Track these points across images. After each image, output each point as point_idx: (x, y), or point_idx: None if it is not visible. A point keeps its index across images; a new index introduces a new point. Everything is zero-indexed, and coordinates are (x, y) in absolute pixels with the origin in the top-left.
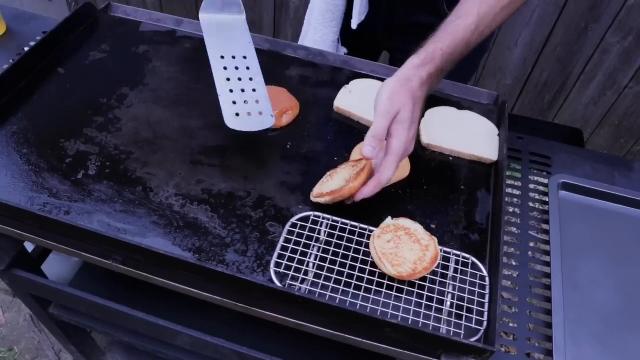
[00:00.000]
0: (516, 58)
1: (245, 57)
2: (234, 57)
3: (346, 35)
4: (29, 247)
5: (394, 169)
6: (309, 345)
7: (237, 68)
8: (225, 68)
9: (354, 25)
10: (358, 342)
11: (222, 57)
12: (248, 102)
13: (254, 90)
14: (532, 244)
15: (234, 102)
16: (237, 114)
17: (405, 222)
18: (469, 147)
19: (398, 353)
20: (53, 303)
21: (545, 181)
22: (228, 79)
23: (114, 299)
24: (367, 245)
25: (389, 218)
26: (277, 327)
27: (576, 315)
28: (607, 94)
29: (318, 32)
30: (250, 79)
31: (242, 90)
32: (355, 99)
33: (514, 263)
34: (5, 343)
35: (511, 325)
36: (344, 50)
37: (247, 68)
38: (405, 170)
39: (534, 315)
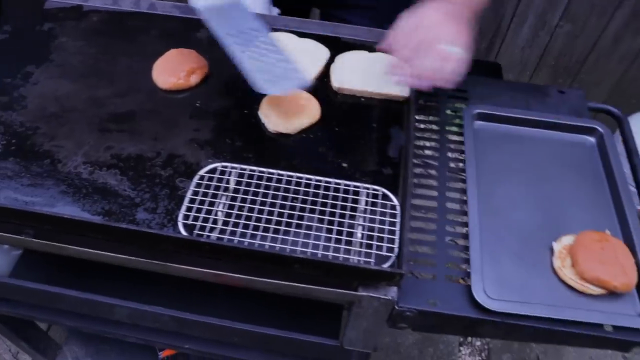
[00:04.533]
0: None
1: (255, 31)
2: (244, 32)
3: None
4: None
5: None
6: (247, 305)
7: (250, 41)
8: (238, 43)
9: None
10: (274, 284)
11: (232, 35)
12: (275, 65)
13: (275, 55)
14: (450, 174)
15: (260, 69)
16: (268, 79)
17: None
18: (379, 86)
19: (316, 291)
20: None
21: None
22: (243, 52)
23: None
24: (275, 189)
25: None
26: (213, 290)
27: (495, 236)
28: (540, 35)
29: None
30: (267, 48)
31: (263, 57)
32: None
33: (433, 194)
34: None
35: (431, 252)
36: (276, 10)
37: (261, 40)
38: (315, 115)
39: (453, 241)
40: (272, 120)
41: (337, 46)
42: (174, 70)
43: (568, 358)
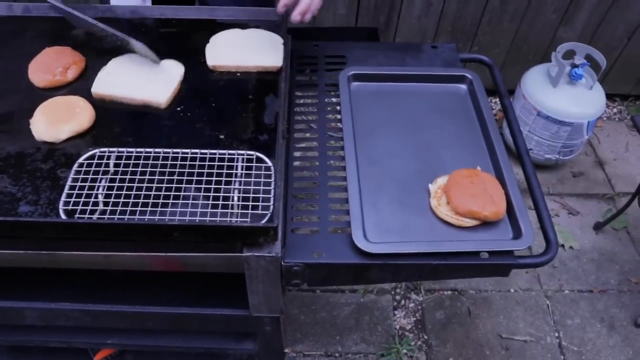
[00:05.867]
0: None
1: None
2: None
3: None
4: None
5: None
6: (161, 292)
7: None
8: None
9: None
10: (163, 257)
11: None
12: None
13: None
14: (329, 134)
15: None
16: None
17: None
18: (253, 59)
19: (203, 258)
20: None
21: None
22: None
23: None
24: (153, 166)
25: None
26: (125, 281)
27: (375, 185)
28: (433, 3)
29: None
30: None
31: None
32: (114, 79)
33: (314, 154)
34: None
35: (315, 208)
36: (149, 1)
37: None
38: (83, 123)
39: (334, 195)
40: (39, 128)
41: (213, 28)
42: (49, 67)
43: (497, 306)
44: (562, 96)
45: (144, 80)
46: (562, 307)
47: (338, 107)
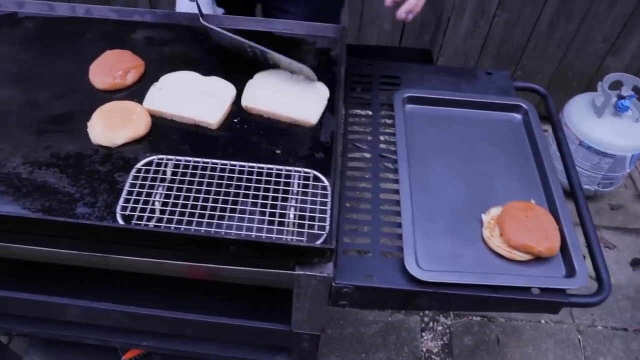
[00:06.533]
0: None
1: None
2: None
3: None
4: None
5: None
6: (201, 298)
7: None
8: None
9: None
10: (214, 269)
11: None
12: None
13: None
14: (383, 156)
15: None
16: None
17: None
18: (288, 110)
19: (256, 273)
20: None
21: None
22: None
23: None
24: (210, 177)
25: None
26: (167, 285)
27: (427, 212)
28: (480, 25)
29: None
30: None
31: None
32: (165, 95)
33: (367, 175)
34: None
35: (366, 230)
36: (220, 10)
37: None
38: (139, 129)
39: (386, 218)
40: (96, 132)
41: (272, 42)
42: (110, 70)
43: (526, 336)
44: (606, 127)
45: (195, 99)
46: (595, 344)
47: (391, 130)
